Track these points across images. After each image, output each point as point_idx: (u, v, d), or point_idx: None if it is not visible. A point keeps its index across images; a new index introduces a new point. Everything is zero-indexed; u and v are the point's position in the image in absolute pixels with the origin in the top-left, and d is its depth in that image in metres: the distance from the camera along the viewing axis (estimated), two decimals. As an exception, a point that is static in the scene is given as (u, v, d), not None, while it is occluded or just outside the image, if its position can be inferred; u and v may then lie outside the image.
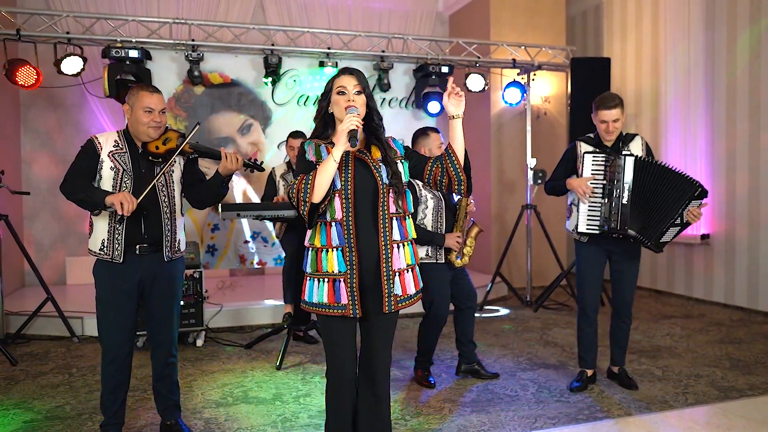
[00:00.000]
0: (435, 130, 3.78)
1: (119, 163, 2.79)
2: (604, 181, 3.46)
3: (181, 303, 4.60)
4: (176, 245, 2.92)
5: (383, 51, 6.10)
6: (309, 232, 2.29)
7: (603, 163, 3.48)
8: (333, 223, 2.21)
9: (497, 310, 6.14)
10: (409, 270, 2.30)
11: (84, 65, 5.05)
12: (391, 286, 2.24)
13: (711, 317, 5.60)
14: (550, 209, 6.87)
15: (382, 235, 2.23)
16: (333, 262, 2.21)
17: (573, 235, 3.68)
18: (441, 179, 2.30)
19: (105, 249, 2.78)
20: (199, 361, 4.38)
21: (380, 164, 2.27)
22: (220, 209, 3.88)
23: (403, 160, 2.33)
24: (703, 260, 6.25)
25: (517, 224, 6.38)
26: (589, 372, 3.73)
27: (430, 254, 3.67)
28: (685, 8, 6.30)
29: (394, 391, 3.69)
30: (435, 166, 2.32)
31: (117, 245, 2.77)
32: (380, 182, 2.24)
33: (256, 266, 6.14)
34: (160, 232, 2.84)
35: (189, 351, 4.63)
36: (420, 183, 3.75)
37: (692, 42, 6.26)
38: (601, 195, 3.47)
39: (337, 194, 2.20)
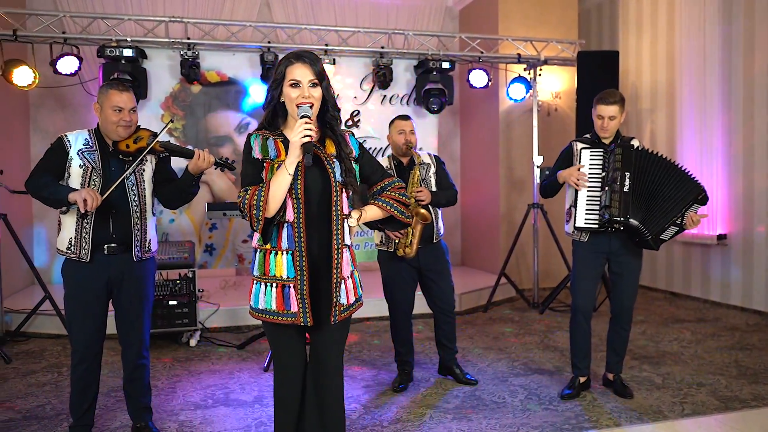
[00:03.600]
0: (405, 117, 3.70)
1: (88, 162, 2.77)
2: (603, 173, 3.31)
3: (174, 303, 4.65)
4: (146, 245, 2.88)
5: (383, 47, 5.97)
6: (257, 233, 2.13)
7: (601, 155, 3.34)
8: (284, 225, 2.06)
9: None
10: (350, 276, 2.18)
11: (80, 65, 5.06)
12: (338, 294, 2.10)
13: (726, 321, 5.34)
14: (558, 208, 6.66)
15: (335, 237, 2.08)
16: (282, 266, 2.06)
17: (572, 236, 3.52)
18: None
19: (72, 248, 2.76)
20: (189, 361, 4.35)
21: (334, 160, 2.12)
22: (206, 208, 3.84)
23: (354, 163, 2.17)
24: (720, 262, 5.98)
25: (523, 223, 6.20)
26: (582, 379, 3.57)
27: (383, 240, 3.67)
28: (701, 1, 6.04)
29: (377, 395, 3.58)
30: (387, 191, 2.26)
31: (84, 244, 2.74)
32: (333, 180, 2.08)
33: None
34: (129, 231, 2.81)
35: (181, 351, 4.60)
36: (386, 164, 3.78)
37: (708, 36, 5.98)
38: (599, 188, 3.32)
39: (288, 194, 2.03)
